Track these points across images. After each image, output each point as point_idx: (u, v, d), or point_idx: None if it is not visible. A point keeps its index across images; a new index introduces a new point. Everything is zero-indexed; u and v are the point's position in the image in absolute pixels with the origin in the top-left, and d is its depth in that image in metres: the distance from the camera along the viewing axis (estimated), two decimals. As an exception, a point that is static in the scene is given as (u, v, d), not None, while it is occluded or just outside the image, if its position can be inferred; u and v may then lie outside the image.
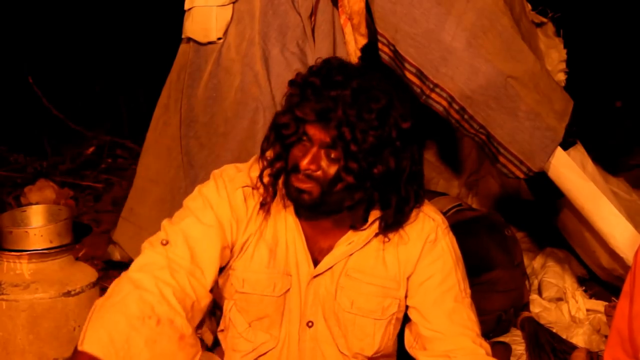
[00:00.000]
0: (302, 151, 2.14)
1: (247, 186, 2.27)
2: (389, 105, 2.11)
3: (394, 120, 2.11)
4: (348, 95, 2.07)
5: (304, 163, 2.12)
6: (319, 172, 2.13)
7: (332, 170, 2.12)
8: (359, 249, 2.29)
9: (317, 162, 2.12)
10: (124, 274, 2.17)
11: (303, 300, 2.31)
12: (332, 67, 2.16)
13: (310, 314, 2.33)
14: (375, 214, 2.27)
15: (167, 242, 2.20)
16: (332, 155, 2.11)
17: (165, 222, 2.27)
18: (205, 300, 2.20)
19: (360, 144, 2.07)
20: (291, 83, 2.19)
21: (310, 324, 2.33)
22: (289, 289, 2.31)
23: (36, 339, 2.96)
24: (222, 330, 2.48)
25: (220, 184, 2.28)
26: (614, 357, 2.11)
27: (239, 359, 2.40)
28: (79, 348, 1.98)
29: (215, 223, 2.24)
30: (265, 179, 2.23)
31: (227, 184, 2.28)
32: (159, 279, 2.11)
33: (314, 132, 2.11)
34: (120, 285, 2.13)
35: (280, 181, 2.23)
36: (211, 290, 2.24)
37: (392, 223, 2.24)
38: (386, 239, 2.28)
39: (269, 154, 2.22)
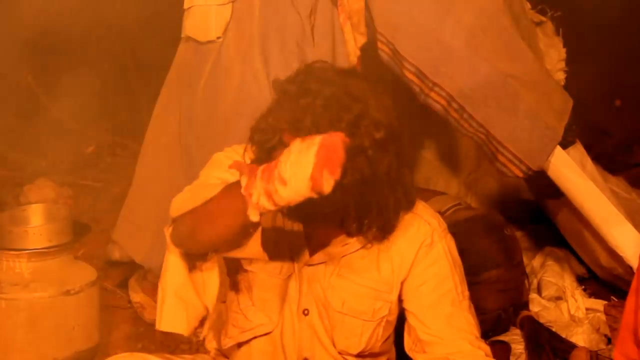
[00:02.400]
0: (279, 156, 2.14)
1: None
2: (361, 114, 2.09)
3: (366, 130, 2.09)
4: (319, 105, 2.06)
5: None
6: None
7: None
8: (352, 252, 2.29)
9: None
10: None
11: (300, 288, 2.33)
12: (310, 74, 2.15)
13: (305, 302, 2.33)
14: (369, 221, 2.26)
15: None
16: None
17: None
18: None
19: None
20: (273, 85, 2.21)
21: (306, 311, 2.33)
22: (291, 274, 2.32)
23: (35, 338, 2.97)
24: (224, 302, 2.48)
25: (229, 153, 2.33)
26: (623, 352, 2.12)
27: (236, 334, 2.40)
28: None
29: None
30: None
31: (232, 155, 2.30)
32: None
33: (288, 140, 2.08)
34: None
35: None
36: None
37: (377, 230, 2.24)
38: (380, 243, 2.28)
39: (252, 154, 2.24)
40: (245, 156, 2.31)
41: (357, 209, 2.20)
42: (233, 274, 2.41)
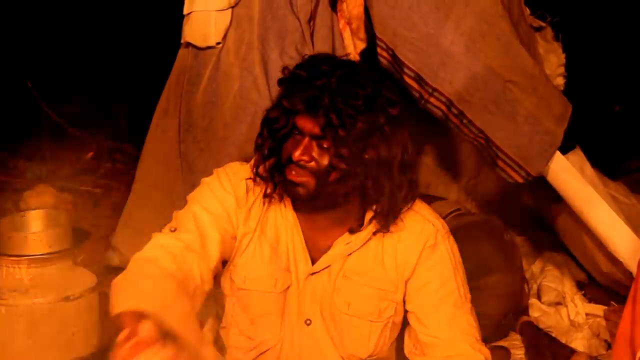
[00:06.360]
0: (293, 144, 2.16)
1: (250, 178, 2.30)
2: (375, 92, 2.13)
3: (382, 106, 2.13)
4: (334, 82, 2.10)
5: (296, 154, 2.14)
6: (312, 163, 2.15)
7: (325, 160, 2.14)
8: (356, 250, 2.29)
9: (308, 153, 2.14)
10: (137, 255, 2.19)
11: (301, 298, 2.32)
12: (318, 60, 2.20)
13: (308, 311, 2.33)
14: (370, 214, 2.27)
15: (175, 229, 2.24)
16: (324, 145, 2.13)
17: (174, 214, 2.31)
18: (209, 285, 2.22)
19: (349, 129, 2.09)
20: (279, 81, 2.23)
21: (308, 321, 2.33)
22: (289, 286, 2.32)
23: (35, 344, 2.96)
24: (224, 327, 2.48)
25: (224, 176, 2.33)
26: None
27: (240, 356, 2.41)
28: (114, 312, 1.93)
29: (222, 212, 2.27)
30: (262, 173, 2.26)
31: (231, 177, 2.32)
32: (173, 255, 2.13)
33: (304, 123, 2.14)
34: (136, 262, 2.15)
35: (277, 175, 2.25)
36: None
37: (387, 215, 2.24)
38: (384, 239, 2.28)
39: (263, 149, 2.25)
40: (241, 172, 2.33)
41: (373, 189, 2.21)
42: (228, 296, 2.41)
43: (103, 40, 6.23)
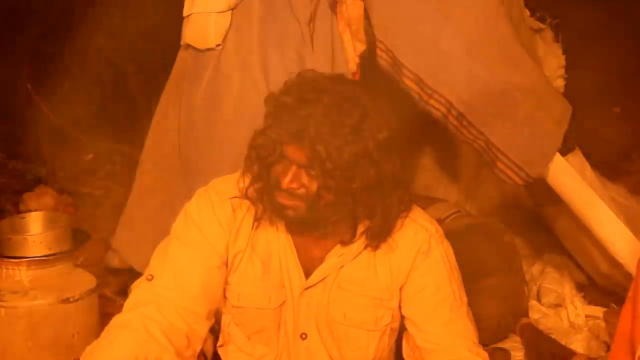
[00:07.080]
0: (282, 170, 2.13)
1: (235, 197, 2.27)
2: (362, 118, 2.09)
3: (369, 133, 2.10)
4: (320, 113, 2.06)
5: (285, 182, 2.11)
6: (301, 190, 2.12)
7: (314, 186, 2.12)
8: (350, 261, 2.28)
9: (298, 180, 2.11)
10: (114, 317, 2.20)
11: (296, 312, 2.31)
12: (304, 84, 2.15)
13: (303, 326, 2.32)
14: (363, 226, 2.25)
15: (151, 277, 2.23)
16: (312, 172, 2.11)
17: (156, 250, 2.30)
18: (201, 325, 2.22)
19: (336, 161, 2.06)
20: (265, 101, 2.19)
21: (303, 336, 2.32)
22: (284, 301, 2.31)
23: (35, 345, 2.96)
24: (221, 346, 2.47)
25: (205, 200, 2.29)
26: None
27: None
28: None
29: (202, 244, 2.25)
30: (252, 195, 2.23)
31: (213, 199, 2.29)
32: (145, 317, 2.14)
33: (291, 152, 2.10)
34: (109, 329, 2.17)
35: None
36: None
37: (380, 232, 2.24)
38: (377, 249, 2.27)
39: (252, 171, 2.22)
40: (225, 192, 2.30)
41: (364, 212, 2.20)
42: (223, 313, 2.40)
43: (103, 42, 6.22)
